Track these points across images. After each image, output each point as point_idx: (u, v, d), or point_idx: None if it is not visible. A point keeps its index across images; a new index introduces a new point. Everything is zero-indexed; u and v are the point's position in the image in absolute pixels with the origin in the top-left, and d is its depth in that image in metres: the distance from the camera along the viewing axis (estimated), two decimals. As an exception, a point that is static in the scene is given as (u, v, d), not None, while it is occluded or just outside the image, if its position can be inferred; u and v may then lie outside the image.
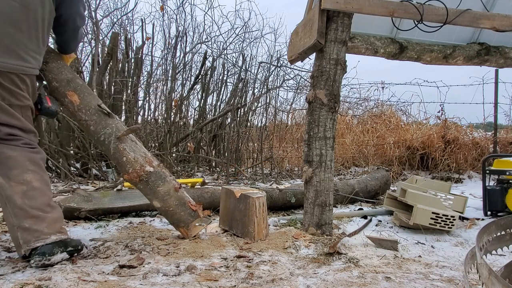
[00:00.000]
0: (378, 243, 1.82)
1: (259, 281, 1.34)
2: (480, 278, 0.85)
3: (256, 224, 1.83)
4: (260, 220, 1.85)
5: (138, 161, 1.67)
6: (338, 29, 1.91)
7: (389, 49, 2.39)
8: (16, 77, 1.42)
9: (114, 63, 4.13)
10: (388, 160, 4.71)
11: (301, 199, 2.59)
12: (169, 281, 1.33)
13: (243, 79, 4.94)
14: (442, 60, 2.53)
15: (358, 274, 1.43)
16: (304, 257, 1.64)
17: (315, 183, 1.95)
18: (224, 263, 1.52)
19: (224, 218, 2.03)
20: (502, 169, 2.61)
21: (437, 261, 1.64)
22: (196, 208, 1.80)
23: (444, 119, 4.80)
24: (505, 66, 2.69)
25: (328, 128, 1.95)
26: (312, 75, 2.01)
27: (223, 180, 3.94)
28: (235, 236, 1.90)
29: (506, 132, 5.19)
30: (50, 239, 1.41)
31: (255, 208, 1.83)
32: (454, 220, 2.05)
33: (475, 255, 0.93)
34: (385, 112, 5.71)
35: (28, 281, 1.24)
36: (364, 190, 3.02)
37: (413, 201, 2.10)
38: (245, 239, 1.84)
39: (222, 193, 2.04)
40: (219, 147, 4.95)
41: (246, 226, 1.85)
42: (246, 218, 1.85)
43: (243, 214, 1.87)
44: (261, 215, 1.86)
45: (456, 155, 4.45)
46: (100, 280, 1.28)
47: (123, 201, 2.33)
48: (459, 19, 2.03)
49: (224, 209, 2.02)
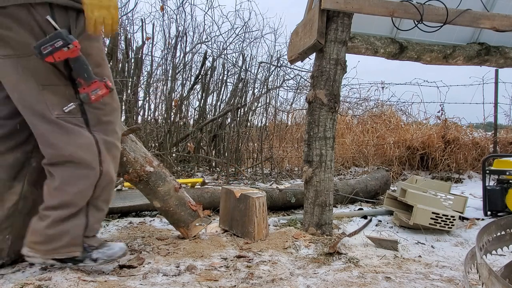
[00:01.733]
0: (378, 243, 1.82)
1: (259, 281, 1.34)
2: (480, 278, 0.85)
3: (256, 224, 1.83)
4: (260, 220, 1.85)
5: (138, 161, 1.67)
6: (338, 29, 1.91)
7: (389, 49, 2.39)
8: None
9: (114, 63, 4.13)
10: (388, 160, 4.71)
11: (301, 199, 2.59)
12: (169, 281, 1.33)
13: (243, 79, 4.94)
14: (442, 60, 2.53)
15: (358, 274, 1.43)
16: (304, 257, 1.64)
17: (315, 183, 1.95)
18: (224, 263, 1.52)
19: (224, 218, 2.02)
20: (502, 169, 2.61)
21: (437, 261, 1.64)
22: (196, 208, 1.80)
23: (444, 119, 4.80)
24: (505, 66, 2.69)
25: (328, 128, 1.95)
26: (312, 75, 2.01)
27: (223, 180, 3.94)
28: (235, 236, 1.90)
29: (506, 132, 5.19)
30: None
31: (255, 208, 1.83)
32: (454, 220, 2.05)
33: (475, 255, 0.93)
34: (385, 112, 5.71)
35: (28, 281, 1.24)
36: (364, 190, 3.02)
37: (413, 201, 2.10)
38: (245, 239, 1.84)
39: (222, 193, 2.04)
40: (219, 147, 4.94)
41: (246, 226, 1.85)
42: (246, 218, 1.85)
43: (243, 214, 1.86)
44: (261, 215, 1.86)
45: (456, 155, 4.44)
46: (100, 280, 1.28)
47: (123, 201, 2.33)
48: (459, 19, 2.03)
49: (224, 209, 2.02)
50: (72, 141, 1.27)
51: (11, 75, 1.24)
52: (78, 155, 1.28)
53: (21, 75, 1.22)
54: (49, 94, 1.24)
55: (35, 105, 1.25)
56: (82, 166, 1.30)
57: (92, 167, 1.31)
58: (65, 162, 1.29)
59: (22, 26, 1.17)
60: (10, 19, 1.16)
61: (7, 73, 1.24)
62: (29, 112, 1.27)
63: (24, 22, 1.17)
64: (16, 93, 1.26)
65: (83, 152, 1.29)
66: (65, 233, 1.30)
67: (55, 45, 1.15)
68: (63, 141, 1.27)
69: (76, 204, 1.30)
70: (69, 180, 1.29)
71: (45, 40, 1.15)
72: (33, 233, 1.30)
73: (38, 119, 1.26)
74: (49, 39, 1.15)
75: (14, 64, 1.21)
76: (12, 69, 1.22)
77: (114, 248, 1.41)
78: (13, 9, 1.15)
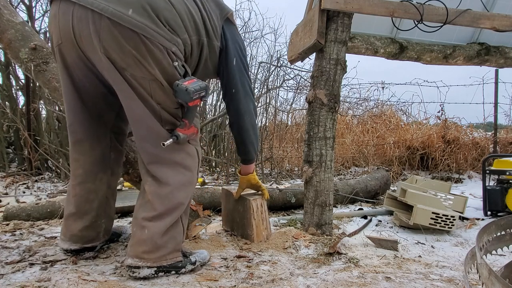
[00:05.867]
0: (378, 243, 1.82)
1: (259, 281, 1.34)
2: (480, 278, 0.85)
3: (255, 226, 1.79)
4: (259, 222, 1.80)
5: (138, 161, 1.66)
6: (338, 29, 1.91)
7: (389, 49, 2.39)
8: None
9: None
10: (388, 160, 4.71)
11: (301, 199, 2.59)
12: (169, 281, 1.33)
13: (243, 79, 4.93)
14: (442, 60, 2.53)
15: (358, 274, 1.43)
16: (304, 257, 1.64)
17: (315, 183, 1.95)
18: (224, 263, 1.52)
19: (226, 219, 2.02)
20: (502, 169, 2.61)
21: (437, 261, 1.64)
22: (196, 208, 1.81)
23: (444, 119, 4.79)
24: (505, 66, 2.69)
25: (328, 128, 1.95)
26: (312, 75, 2.01)
27: (223, 180, 3.94)
28: (234, 236, 1.90)
29: (506, 132, 5.19)
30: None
31: (252, 210, 1.78)
32: (454, 220, 2.05)
33: (475, 255, 0.93)
34: (385, 112, 5.71)
35: (28, 281, 1.25)
36: (364, 190, 3.02)
37: (413, 201, 2.10)
38: (245, 240, 1.83)
39: (223, 194, 2.02)
40: (219, 147, 4.95)
41: (245, 229, 1.83)
42: (245, 220, 1.82)
43: (242, 216, 1.84)
44: (260, 217, 1.81)
45: (456, 155, 4.44)
46: (101, 280, 1.28)
47: (123, 201, 2.33)
48: (459, 19, 2.03)
49: (225, 210, 2.01)
50: (181, 149, 1.41)
51: (130, 92, 1.31)
52: (188, 162, 1.42)
53: (140, 94, 1.30)
54: (165, 113, 1.36)
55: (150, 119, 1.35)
56: (189, 172, 1.43)
57: (195, 174, 1.45)
58: (175, 164, 1.40)
59: (154, 59, 1.26)
60: (146, 50, 1.24)
61: (126, 90, 1.30)
62: (142, 126, 1.37)
63: (157, 58, 1.26)
64: (133, 110, 1.35)
65: (192, 159, 1.44)
66: (171, 239, 1.38)
67: (201, 95, 1.31)
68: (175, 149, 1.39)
69: (181, 209, 1.41)
70: (179, 186, 1.39)
71: (197, 88, 1.29)
72: (140, 243, 1.34)
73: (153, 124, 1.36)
74: (200, 88, 1.30)
75: (135, 83, 1.29)
76: (132, 87, 1.30)
77: (203, 253, 1.54)
78: (152, 46, 1.24)
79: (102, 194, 1.54)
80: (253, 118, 1.63)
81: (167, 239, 1.36)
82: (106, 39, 1.22)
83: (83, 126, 1.47)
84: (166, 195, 1.36)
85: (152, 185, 1.37)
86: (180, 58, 1.32)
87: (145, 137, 1.37)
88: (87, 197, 1.51)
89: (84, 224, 1.52)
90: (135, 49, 1.22)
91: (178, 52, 1.31)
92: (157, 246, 1.34)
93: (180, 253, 1.42)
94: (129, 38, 1.21)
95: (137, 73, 1.26)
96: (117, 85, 1.31)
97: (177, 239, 1.40)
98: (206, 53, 1.45)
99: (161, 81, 1.29)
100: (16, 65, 3.88)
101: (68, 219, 1.53)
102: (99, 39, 1.22)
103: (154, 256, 1.34)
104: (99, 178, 1.53)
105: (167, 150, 1.35)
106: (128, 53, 1.23)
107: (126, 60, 1.24)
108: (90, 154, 1.50)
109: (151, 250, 1.33)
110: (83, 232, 1.52)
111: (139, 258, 1.33)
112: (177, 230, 1.40)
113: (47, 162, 3.95)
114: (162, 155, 1.37)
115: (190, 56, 1.40)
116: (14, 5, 3.82)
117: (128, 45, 1.22)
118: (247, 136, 1.63)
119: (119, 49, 1.22)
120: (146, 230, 1.33)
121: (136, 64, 1.25)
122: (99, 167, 1.52)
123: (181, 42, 1.31)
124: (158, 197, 1.36)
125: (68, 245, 1.52)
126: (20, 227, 2.00)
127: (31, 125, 3.83)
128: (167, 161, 1.38)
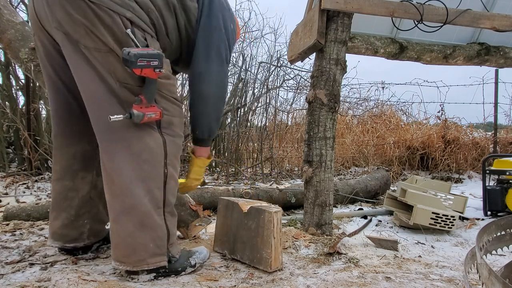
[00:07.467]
0: (378, 243, 1.82)
1: (259, 281, 1.34)
2: (480, 278, 0.85)
3: (274, 247, 1.41)
4: (277, 243, 1.43)
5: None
6: (338, 29, 1.91)
7: (389, 49, 2.39)
8: None
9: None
10: (388, 160, 4.71)
11: (301, 199, 2.59)
12: (169, 281, 1.33)
13: (243, 79, 4.94)
14: (442, 60, 2.53)
15: (358, 274, 1.43)
16: (304, 257, 1.64)
17: (315, 183, 1.95)
18: (224, 263, 1.52)
19: (222, 239, 1.60)
20: (502, 169, 2.61)
21: (437, 261, 1.64)
22: (196, 208, 1.80)
23: (444, 119, 4.80)
24: (505, 66, 2.69)
25: (328, 128, 1.95)
26: (312, 75, 2.01)
27: (223, 180, 3.94)
28: (236, 262, 1.52)
29: (506, 132, 5.19)
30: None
31: (272, 226, 1.41)
32: (454, 220, 2.05)
33: (475, 255, 0.93)
34: (385, 112, 5.71)
35: (28, 281, 1.25)
36: (364, 190, 3.02)
37: (413, 201, 2.10)
38: (257, 267, 1.44)
39: (221, 206, 1.63)
40: (219, 147, 4.94)
41: (258, 250, 1.43)
42: (258, 239, 1.44)
43: (255, 233, 1.45)
44: (278, 235, 1.44)
45: (456, 155, 4.44)
46: (101, 280, 1.28)
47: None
48: (459, 19, 2.03)
49: (223, 226, 1.60)
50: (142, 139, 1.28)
51: (85, 67, 1.22)
52: (146, 153, 1.27)
53: (97, 69, 1.21)
54: (126, 92, 1.24)
55: (107, 100, 1.23)
56: (147, 165, 1.29)
57: (157, 169, 1.30)
58: (131, 155, 1.26)
59: (105, 27, 1.18)
60: (95, 16, 1.16)
61: (81, 64, 1.22)
62: (97, 106, 1.24)
63: (107, 25, 1.18)
64: (88, 86, 1.24)
65: (151, 151, 1.28)
66: (149, 242, 1.28)
67: (150, 63, 1.17)
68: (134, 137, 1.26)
69: (145, 206, 1.26)
70: (135, 181, 1.25)
71: (144, 54, 1.15)
72: (115, 246, 1.29)
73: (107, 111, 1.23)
74: (147, 54, 1.16)
75: (91, 57, 1.20)
76: (87, 61, 1.21)
77: (203, 252, 1.50)
78: (101, 12, 1.17)
79: (84, 193, 1.47)
80: (222, 90, 1.47)
81: (143, 241, 1.26)
82: (57, 11, 1.18)
83: (63, 121, 1.42)
84: (119, 194, 1.25)
85: (106, 182, 1.27)
86: (141, 26, 1.22)
87: (99, 119, 1.24)
88: (66, 195, 1.45)
89: (62, 222, 1.46)
90: (84, 17, 1.16)
91: (136, 19, 1.21)
92: (133, 249, 1.26)
93: (165, 257, 1.32)
94: (77, 7, 1.15)
95: (90, 44, 1.18)
96: (71, 61, 1.22)
97: (157, 242, 1.29)
98: (184, 20, 1.32)
99: (118, 53, 1.19)
100: (16, 65, 3.88)
101: (50, 216, 1.50)
102: (51, 13, 1.19)
103: (132, 260, 1.26)
104: (80, 176, 1.45)
105: (121, 136, 1.23)
106: (78, 23, 1.16)
107: (78, 30, 1.17)
108: (66, 151, 1.44)
109: (127, 253, 1.26)
110: (62, 230, 1.46)
111: (119, 261, 1.28)
112: (156, 232, 1.28)
113: (47, 162, 3.95)
114: (115, 142, 1.24)
115: (165, 26, 1.29)
116: (14, 5, 3.82)
117: (77, 14, 1.16)
118: (205, 105, 1.45)
119: (70, 20, 1.17)
120: (115, 233, 1.28)
121: (87, 34, 1.17)
122: (79, 165, 1.45)
123: (138, 7, 1.21)
124: (112, 195, 1.26)
125: (51, 242, 1.49)
126: (20, 227, 2.00)
127: (31, 125, 3.82)
128: (121, 149, 1.24)
